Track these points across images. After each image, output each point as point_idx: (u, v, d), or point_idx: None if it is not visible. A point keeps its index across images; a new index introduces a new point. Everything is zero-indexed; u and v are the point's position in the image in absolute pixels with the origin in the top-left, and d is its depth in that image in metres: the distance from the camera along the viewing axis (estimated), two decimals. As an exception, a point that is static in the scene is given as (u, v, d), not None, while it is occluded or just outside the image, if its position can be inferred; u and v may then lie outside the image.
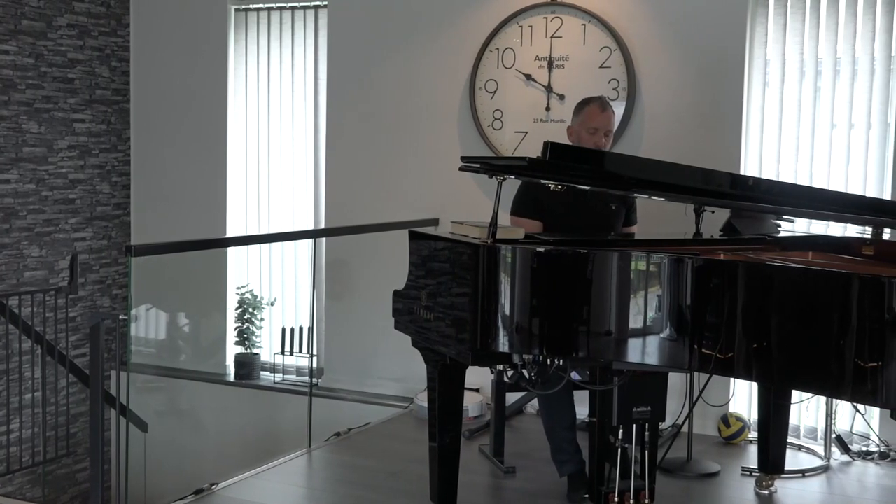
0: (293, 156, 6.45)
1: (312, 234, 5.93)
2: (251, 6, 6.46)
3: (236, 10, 6.50)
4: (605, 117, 4.37)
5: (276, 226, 6.51)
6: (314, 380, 5.66)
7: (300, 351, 6.27)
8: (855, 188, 4.97)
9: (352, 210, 5.99)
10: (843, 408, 4.95)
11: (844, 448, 4.88)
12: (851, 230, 4.17)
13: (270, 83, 6.48)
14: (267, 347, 6.50)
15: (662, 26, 5.28)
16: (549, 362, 3.48)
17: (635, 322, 3.27)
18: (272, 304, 6.49)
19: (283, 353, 6.32)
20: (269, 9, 6.43)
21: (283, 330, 6.34)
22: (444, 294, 3.54)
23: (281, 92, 6.47)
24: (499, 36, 5.57)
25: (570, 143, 4.41)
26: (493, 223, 3.40)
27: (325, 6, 6.19)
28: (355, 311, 6.04)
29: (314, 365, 5.72)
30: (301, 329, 6.27)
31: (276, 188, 6.51)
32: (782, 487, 4.43)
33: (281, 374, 6.34)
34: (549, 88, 5.50)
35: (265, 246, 6.55)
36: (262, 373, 6.43)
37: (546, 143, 3.29)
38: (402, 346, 4.03)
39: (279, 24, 6.43)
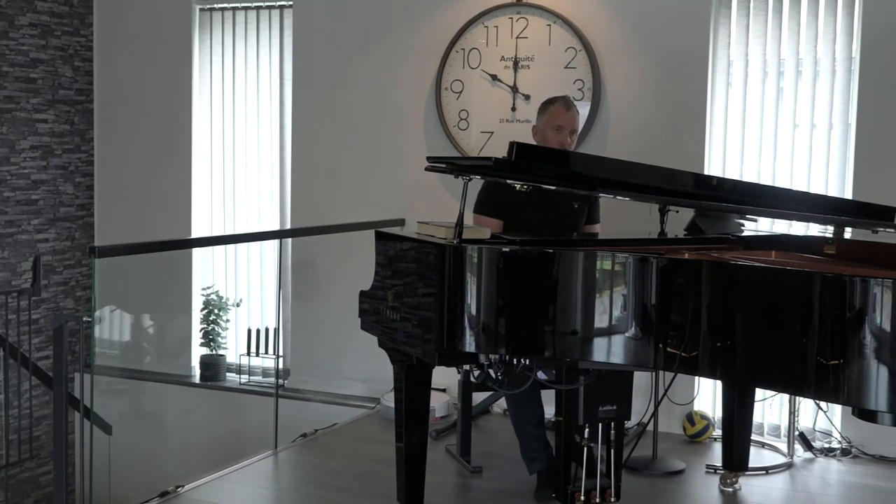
0: (259, 156, 6.43)
1: (278, 234, 5.90)
2: (216, 6, 6.43)
3: (201, 9, 6.46)
4: (570, 116, 4.39)
5: (241, 226, 6.48)
6: (280, 381, 5.64)
7: (266, 352, 6.24)
8: (817, 188, 5.02)
9: (318, 210, 5.97)
10: (805, 405, 5.01)
11: (807, 445, 4.93)
12: (814, 229, 4.21)
13: (236, 83, 6.46)
14: (233, 348, 6.47)
15: (627, 27, 5.31)
16: (515, 362, 3.49)
17: (601, 321, 3.29)
18: (238, 305, 6.46)
19: (248, 354, 6.30)
20: (233, 8, 6.40)
21: (249, 331, 6.32)
22: (410, 294, 3.54)
23: (246, 92, 6.44)
24: (464, 36, 5.58)
25: (536, 143, 4.43)
26: (460, 223, 3.41)
27: (290, 6, 6.17)
28: (321, 311, 6.03)
29: (280, 366, 5.70)
30: (267, 330, 6.25)
31: (242, 188, 6.49)
32: (746, 484, 4.47)
33: (247, 376, 6.32)
34: (514, 89, 5.51)
35: (231, 247, 6.52)
36: (227, 374, 6.40)
37: (512, 144, 3.30)
38: (369, 346, 4.03)
39: (244, 24, 6.40)
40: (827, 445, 4.97)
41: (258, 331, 6.29)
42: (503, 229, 4.23)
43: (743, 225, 4.22)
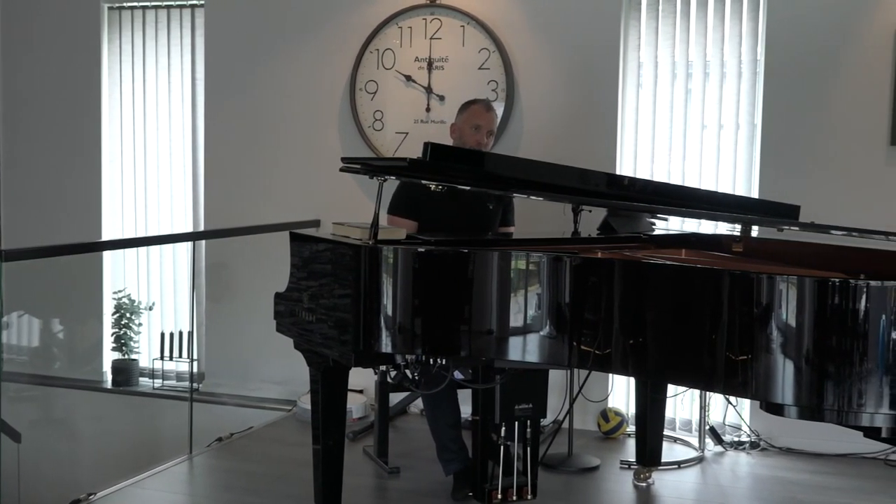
0: (171, 157, 6.34)
1: (191, 236, 5.84)
2: (125, 5, 6.32)
3: (109, 8, 6.35)
4: (489, 117, 4.43)
5: (153, 228, 6.38)
6: (195, 385, 5.57)
7: (180, 356, 6.17)
8: (724, 187, 5.13)
9: (231, 212, 5.91)
10: (716, 400, 5.11)
11: (718, 439, 5.04)
12: (722, 228, 4.30)
13: (146, 83, 6.36)
14: (146, 353, 6.37)
15: (539, 29, 5.36)
16: (431, 362, 3.50)
17: (516, 320, 3.31)
18: (150, 309, 6.37)
19: (162, 358, 6.21)
20: (143, 7, 6.30)
21: (163, 334, 6.23)
22: (326, 296, 3.53)
23: (157, 92, 6.35)
24: (378, 37, 5.58)
25: (452, 140, 4.46)
26: (375, 224, 3.41)
27: (201, 5, 6.10)
28: (236, 314, 5.97)
29: (194, 369, 5.64)
30: (181, 333, 6.17)
31: (154, 190, 6.39)
32: (659, 479, 4.54)
33: (160, 380, 6.23)
34: (429, 89, 5.53)
35: (142, 249, 6.42)
36: (140, 379, 6.31)
37: (426, 144, 3.31)
38: (285, 348, 4.00)
39: (154, 23, 6.31)
40: (737, 439, 5.08)
41: (172, 334, 6.21)
42: (418, 230, 4.24)
43: (654, 224, 4.29)
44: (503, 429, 3.78)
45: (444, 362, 3.52)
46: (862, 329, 2.66)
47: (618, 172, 5.18)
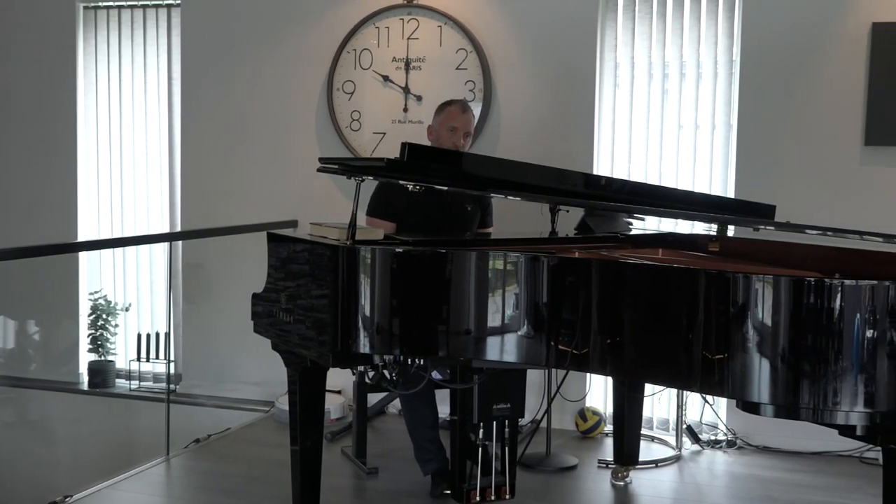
0: (147, 157, 6.31)
1: (168, 237, 5.82)
2: (100, 4, 6.29)
3: (85, 7, 6.31)
4: (466, 118, 4.43)
5: (130, 229, 6.35)
6: (172, 386, 5.55)
7: (157, 357, 6.14)
8: (701, 187, 5.16)
9: (208, 212, 5.89)
10: (693, 399, 5.13)
11: (695, 438, 5.06)
12: (699, 227, 4.32)
13: (122, 83, 6.33)
14: (122, 354, 6.35)
15: (517, 29, 5.37)
16: (409, 362, 3.50)
17: (494, 320, 3.32)
18: (127, 310, 6.34)
19: (139, 359, 6.19)
20: (119, 7, 6.27)
21: (139, 336, 6.21)
22: (303, 296, 3.53)
23: (133, 92, 6.32)
24: (356, 37, 5.58)
25: (430, 142, 4.45)
26: (353, 224, 3.40)
27: (177, 5, 6.08)
28: (213, 314, 5.95)
29: (171, 371, 5.61)
30: (158, 334, 6.15)
31: (130, 190, 6.36)
32: (637, 478, 4.56)
33: (137, 381, 6.20)
34: (406, 89, 5.52)
35: (119, 250, 6.39)
36: (117, 380, 6.28)
37: (404, 144, 3.31)
38: (262, 349, 3.99)
39: (130, 23, 6.28)
40: (713, 438, 5.11)
41: (148, 335, 6.19)
42: (397, 231, 4.24)
43: (631, 224, 4.30)
44: (481, 429, 3.79)
45: (422, 362, 3.52)
46: (837, 328, 2.68)
47: (595, 172, 5.19)
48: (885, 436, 2.72)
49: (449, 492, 3.99)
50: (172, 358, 5.79)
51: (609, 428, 5.00)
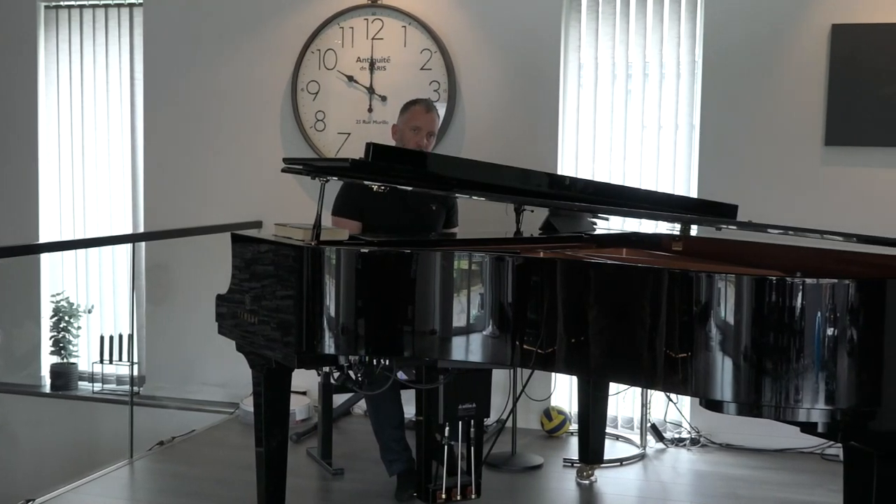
0: (110, 157, 6.27)
1: (131, 238, 5.77)
2: (62, 3, 6.23)
3: (46, 7, 6.25)
4: (430, 118, 4.42)
5: (92, 230, 6.30)
6: (135, 388, 5.51)
7: (120, 359, 6.10)
8: (664, 187, 5.19)
9: (172, 213, 5.86)
10: (657, 398, 5.17)
11: (659, 436, 5.10)
12: (662, 227, 4.35)
13: (84, 82, 6.28)
14: (85, 356, 6.29)
15: (481, 30, 5.38)
16: (374, 363, 3.50)
17: (459, 320, 3.32)
18: (90, 312, 6.29)
19: (102, 361, 6.14)
20: (80, 6, 6.22)
21: (102, 338, 6.16)
22: (268, 297, 3.51)
23: (95, 92, 6.27)
24: (320, 37, 5.56)
25: (394, 142, 4.45)
26: (317, 225, 3.40)
27: (139, 4, 6.03)
28: (177, 316, 5.91)
29: (135, 373, 5.57)
30: (121, 336, 6.10)
31: (92, 191, 6.31)
32: (602, 476, 4.58)
33: (100, 384, 6.15)
34: (371, 90, 5.52)
35: (81, 251, 6.34)
36: (80, 383, 6.23)
37: (368, 145, 3.31)
38: (227, 350, 3.98)
39: (92, 22, 6.23)
40: (677, 436, 5.15)
41: (112, 337, 6.14)
42: (363, 231, 4.23)
43: (595, 224, 4.33)
44: (447, 429, 3.79)
45: (387, 363, 3.52)
46: (798, 326, 2.71)
47: (559, 172, 5.21)
48: (845, 432, 2.75)
49: (415, 494, 3.99)
50: (136, 360, 5.75)
51: (574, 427, 5.02)
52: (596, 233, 4.25)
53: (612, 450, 4.85)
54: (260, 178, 5.72)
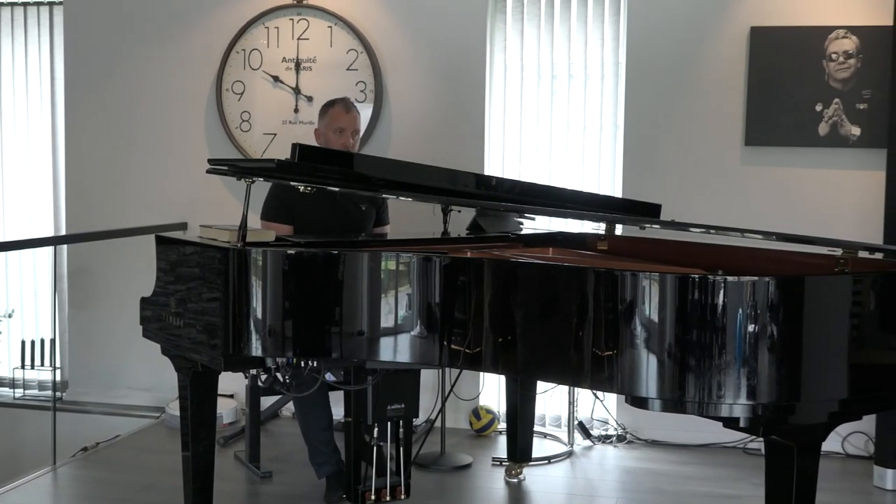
0: (30, 158, 6.15)
1: (52, 241, 5.68)
2: (-22, 1, 6.11)
3: (-38, 5, 6.13)
4: (351, 117, 4.40)
5: (12, 233, 6.18)
6: (58, 393, 5.41)
7: (42, 364, 5.99)
8: (590, 186, 5.24)
9: (95, 215, 5.76)
10: (584, 396, 5.22)
11: (586, 433, 5.15)
12: (588, 226, 4.39)
13: (2, 82, 6.15)
14: (6, 362, 6.17)
15: (407, 30, 5.38)
16: (302, 364, 3.48)
17: (386, 321, 3.32)
18: (10, 316, 6.17)
19: (23, 366, 6.03)
20: (-2, 5, 6.11)
21: (23, 343, 6.05)
22: (194, 300, 3.48)
23: (14, 91, 6.16)
24: (245, 37, 5.52)
25: (318, 146, 4.43)
26: (243, 226, 3.37)
27: (60, 3, 5.93)
28: (101, 320, 5.82)
29: (58, 378, 5.47)
30: (43, 341, 6.00)
31: (12, 192, 6.19)
32: (530, 475, 4.62)
33: (21, 390, 6.04)
34: (297, 90, 5.49)
35: (1, 254, 6.21)
36: (0, 389, 6.11)
37: (294, 145, 3.29)
38: (152, 354, 3.93)
39: (10, 21, 6.11)
40: (604, 433, 5.21)
41: (33, 342, 6.04)
42: (293, 233, 4.20)
43: (522, 223, 4.36)
44: (376, 429, 3.79)
45: (315, 364, 3.50)
46: (720, 323, 2.76)
47: (486, 173, 5.24)
48: (766, 427, 2.80)
49: (345, 496, 3.98)
50: (58, 365, 5.65)
51: (502, 426, 5.05)
52: (522, 233, 4.28)
53: (540, 448, 4.88)
54: (185, 179, 5.65)
